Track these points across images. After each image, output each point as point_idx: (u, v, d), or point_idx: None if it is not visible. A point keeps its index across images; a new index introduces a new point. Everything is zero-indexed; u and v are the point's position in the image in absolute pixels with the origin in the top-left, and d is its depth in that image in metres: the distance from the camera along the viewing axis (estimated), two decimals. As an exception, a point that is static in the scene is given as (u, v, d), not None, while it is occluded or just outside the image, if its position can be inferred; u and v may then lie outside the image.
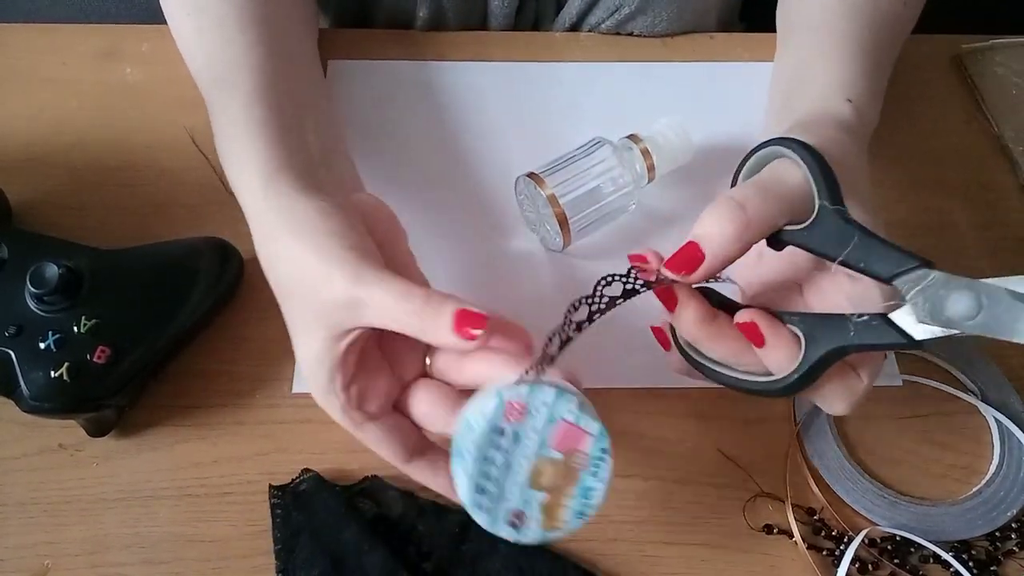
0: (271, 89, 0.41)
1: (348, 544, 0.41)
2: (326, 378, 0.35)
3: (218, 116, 0.42)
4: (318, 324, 0.34)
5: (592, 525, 0.43)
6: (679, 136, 0.50)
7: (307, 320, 0.35)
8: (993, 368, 0.48)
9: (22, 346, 0.40)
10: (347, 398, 0.35)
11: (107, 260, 0.44)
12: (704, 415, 0.46)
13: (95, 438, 0.44)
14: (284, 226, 0.36)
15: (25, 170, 0.52)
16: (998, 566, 0.43)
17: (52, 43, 0.58)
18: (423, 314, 0.32)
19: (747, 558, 0.43)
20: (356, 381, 0.35)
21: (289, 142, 0.39)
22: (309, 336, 0.35)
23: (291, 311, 0.36)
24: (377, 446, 0.36)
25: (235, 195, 0.40)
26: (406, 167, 0.54)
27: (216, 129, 0.42)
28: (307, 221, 0.35)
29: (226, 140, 0.40)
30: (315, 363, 0.35)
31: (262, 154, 0.38)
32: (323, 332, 0.34)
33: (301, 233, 0.35)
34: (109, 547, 0.42)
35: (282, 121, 0.40)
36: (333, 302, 0.33)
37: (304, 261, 0.34)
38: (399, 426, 0.37)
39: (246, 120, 0.39)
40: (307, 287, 0.34)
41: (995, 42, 0.61)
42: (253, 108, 0.40)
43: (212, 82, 0.43)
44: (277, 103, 0.41)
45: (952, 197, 0.55)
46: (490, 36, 0.61)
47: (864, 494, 0.44)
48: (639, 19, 0.59)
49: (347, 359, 0.35)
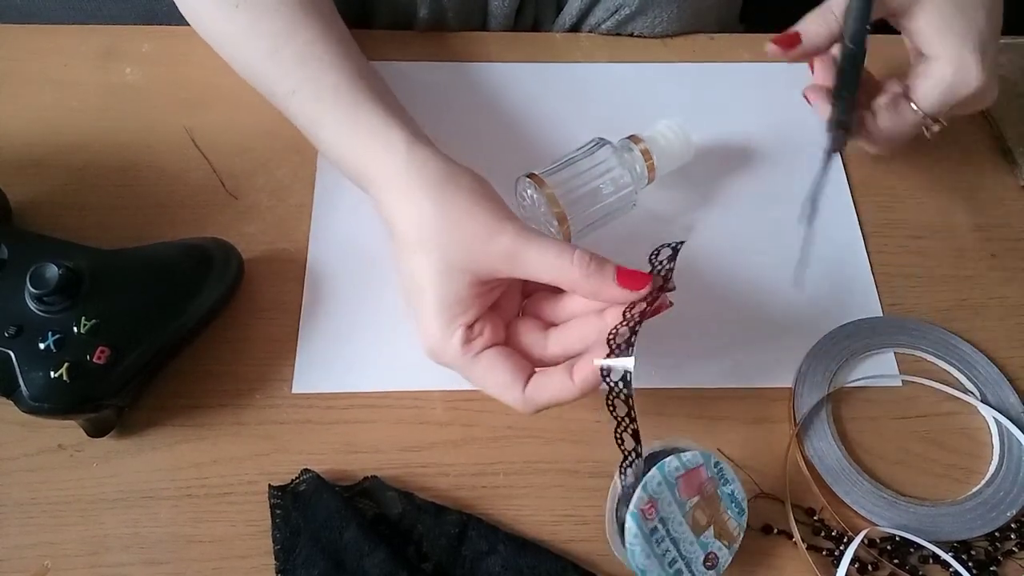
0: (362, 66, 0.45)
1: (348, 544, 0.41)
2: (456, 313, 0.39)
3: (305, 87, 0.44)
4: (467, 268, 0.38)
5: (592, 525, 0.43)
6: (679, 136, 0.50)
7: (452, 264, 0.39)
8: (993, 368, 0.48)
9: (22, 346, 0.40)
10: (469, 334, 0.39)
11: (107, 260, 0.44)
12: (704, 415, 0.46)
13: (95, 438, 0.44)
14: (444, 183, 0.40)
15: (25, 170, 0.52)
16: (997, 566, 0.43)
17: (53, 44, 0.58)
18: (589, 270, 0.37)
19: (747, 558, 0.43)
20: (478, 321, 0.39)
21: (403, 114, 0.44)
22: (450, 277, 0.39)
23: (428, 256, 0.39)
24: (491, 372, 0.39)
25: (336, 156, 0.44)
26: (406, 167, 0.54)
27: (305, 97, 0.44)
28: (468, 183, 0.40)
29: (331, 107, 0.43)
30: (452, 302, 0.38)
31: (392, 120, 0.42)
32: (469, 276, 0.38)
33: (470, 191, 0.39)
34: (109, 547, 0.42)
35: (382, 94, 0.44)
36: (497, 252, 0.38)
37: (470, 213, 0.39)
38: (509, 353, 0.40)
39: (352, 89, 0.43)
40: (467, 236, 0.38)
41: (995, 42, 0.61)
42: (357, 81, 0.44)
43: (292, 60, 0.45)
44: (369, 79, 0.45)
45: (952, 197, 0.55)
46: (490, 37, 0.61)
47: (864, 494, 0.44)
48: (639, 20, 0.59)
49: (482, 301, 0.39)
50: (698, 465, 0.39)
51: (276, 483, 0.43)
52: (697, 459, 0.39)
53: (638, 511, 0.38)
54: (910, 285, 0.52)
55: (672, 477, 0.38)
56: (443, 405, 0.46)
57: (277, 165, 0.54)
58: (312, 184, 0.53)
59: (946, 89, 0.45)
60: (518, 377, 0.39)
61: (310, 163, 0.54)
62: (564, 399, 0.38)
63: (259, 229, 0.51)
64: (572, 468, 0.45)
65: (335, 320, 0.48)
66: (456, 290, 0.39)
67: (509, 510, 0.44)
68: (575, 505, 0.44)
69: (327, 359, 0.47)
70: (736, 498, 0.40)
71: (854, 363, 0.49)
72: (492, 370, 0.39)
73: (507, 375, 0.39)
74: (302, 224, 0.51)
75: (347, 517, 0.41)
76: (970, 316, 0.51)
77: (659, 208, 0.52)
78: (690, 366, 0.48)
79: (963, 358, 0.49)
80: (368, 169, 0.42)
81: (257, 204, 0.52)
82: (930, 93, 0.46)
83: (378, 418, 0.46)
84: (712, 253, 0.51)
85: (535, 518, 0.43)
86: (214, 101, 0.56)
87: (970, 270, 0.53)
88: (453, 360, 0.39)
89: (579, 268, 0.38)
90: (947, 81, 0.45)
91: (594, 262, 0.38)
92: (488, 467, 0.45)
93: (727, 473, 0.40)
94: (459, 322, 0.39)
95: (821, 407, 0.47)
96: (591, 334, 0.39)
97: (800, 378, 0.48)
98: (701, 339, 0.49)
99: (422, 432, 0.45)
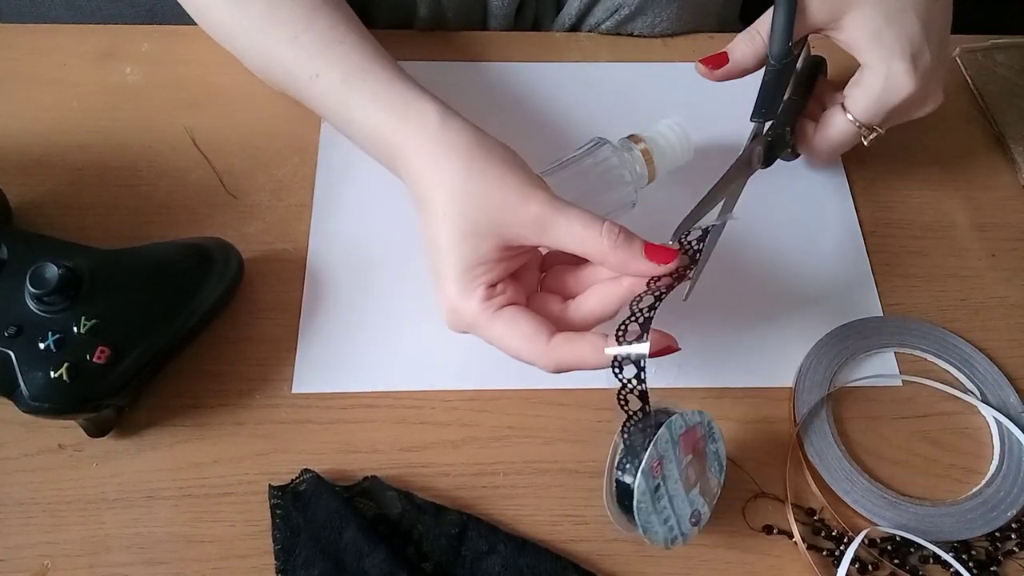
0: (381, 49, 0.46)
1: (348, 544, 0.41)
2: (479, 274, 0.39)
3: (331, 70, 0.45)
4: (496, 232, 0.39)
5: (592, 525, 0.43)
6: (679, 136, 0.50)
7: (480, 228, 0.39)
8: (993, 368, 0.48)
9: (22, 346, 0.40)
10: (491, 292, 0.39)
11: (107, 260, 0.44)
12: (704, 415, 0.47)
13: (95, 438, 0.44)
14: (477, 150, 0.40)
15: (25, 170, 0.52)
16: (998, 566, 0.43)
17: (52, 44, 0.58)
18: (617, 242, 0.38)
19: (747, 558, 0.43)
20: (500, 283, 0.40)
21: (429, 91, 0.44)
22: (477, 241, 0.39)
23: (455, 219, 0.39)
24: (513, 324, 0.39)
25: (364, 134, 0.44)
26: (406, 167, 0.54)
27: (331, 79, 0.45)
28: (501, 151, 0.41)
29: (361, 85, 0.44)
30: (476, 263, 0.39)
31: (424, 94, 0.43)
32: (497, 241, 0.39)
33: (502, 159, 0.40)
34: (109, 547, 0.42)
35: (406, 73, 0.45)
36: (526, 219, 0.39)
37: (502, 179, 0.39)
38: (530, 312, 0.40)
39: (381, 68, 0.44)
40: (497, 201, 0.39)
41: (995, 42, 0.61)
42: (382, 61, 0.45)
43: (313, 44, 0.45)
44: (391, 60, 0.45)
45: (952, 197, 0.55)
46: (490, 36, 0.61)
47: (864, 494, 0.44)
48: (639, 19, 0.59)
49: (505, 265, 0.40)
50: (696, 424, 0.39)
51: (276, 483, 0.43)
52: (696, 417, 0.39)
53: (649, 468, 0.38)
54: (910, 285, 0.52)
55: (676, 436, 0.39)
56: (443, 405, 0.46)
57: (277, 165, 0.54)
58: (312, 184, 0.53)
59: (876, 98, 0.45)
60: (541, 330, 0.38)
61: (310, 163, 0.54)
62: (589, 363, 0.38)
63: (259, 229, 0.51)
64: (572, 468, 0.45)
65: (335, 320, 0.48)
66: (482, 253, 0.39)
67: (509, 510, 0.44)
68: (575, 505, 0.44)
69: (327, 359, 0.47)
70: (719, 456, 0.41)
71: (854, 363, 0.49)
72: (514, 322, 0.39)
73: (529, 327, 0.38)
74: (302, 224, 0.51)
75: (347, 517, 0.41)
76: (970, 316, 0.51)
77: (659, 208, 0.52)
78: (690, 366, 0.48)
79: (963, 358, 0.49)
80: (400, 141, 0.42)
81: (257, 204, 0.52)
82: (860, 102, 0.46)
83: (378, 418, 0.46)
84: (712, 253, 0.51)
85: (535, 518, 0.43)
86: (214, 101, 0.56)
87: (970, 270, 0.53)
88: (473, 317, 0.39)
89: (608, 239, 0.38)
90: (876, 90, 0.45)
91: (623, 234, 0.38)
92: (488, 467, 0.45)
93: (716, 432, 0.41)
94: (481, 280, 0.39)
95: (821, 407, 0.47)
96: (614, 301, 0.39)
97: (800, 378, 0.48)
98: (701, 339, 0.49)
99: (422, 432, 0.45)
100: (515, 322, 0.39)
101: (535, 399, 0.47)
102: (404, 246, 0.50)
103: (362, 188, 0.53)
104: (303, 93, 0.47)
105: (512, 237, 0.39)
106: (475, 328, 0.40)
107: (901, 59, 0.44)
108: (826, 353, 0.48)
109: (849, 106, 0.47)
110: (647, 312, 0.37)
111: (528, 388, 0.47)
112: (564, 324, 0.40)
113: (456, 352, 0.47)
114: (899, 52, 0.44)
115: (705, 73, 0.48)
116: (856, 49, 0.46)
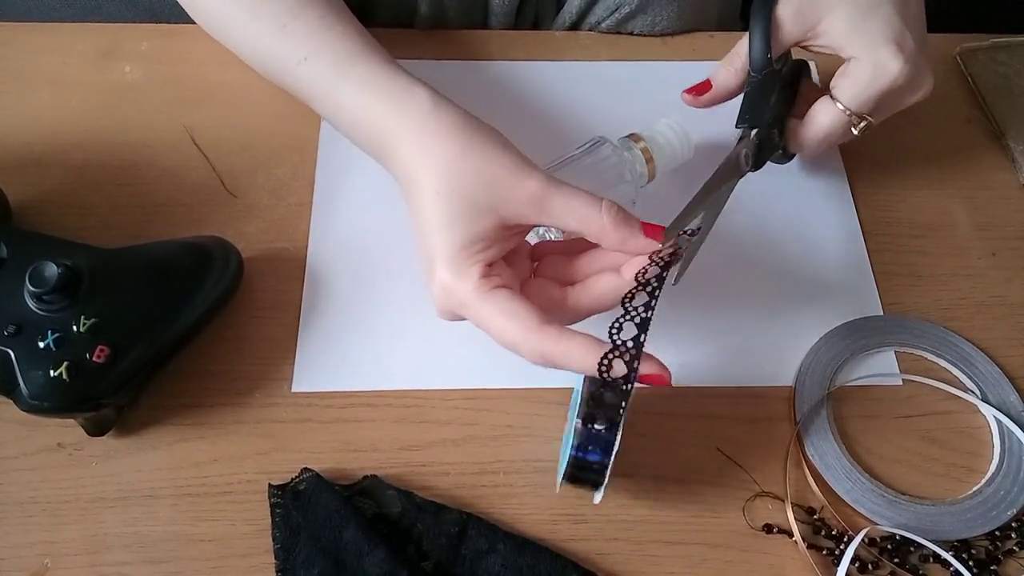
0: (372, 39, 0.46)
1: (347, 543, 0.41)
2: (476, 251, 0.38)
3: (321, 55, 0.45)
4: (494, 209, 0.39)
5: (592, 525, 0.43)
6: (679, 135, 0.50)
7: (478, 204, 0.39)
8: (993, 367, 0.48)
9: (21, 345, 0.40)
10: (487, 270, 0.39)
11: (107, 259, 0.44)
12: (704, 415, 0.46)
13: (94, 437, 0.44)
14: (469, 129, 0.40)
15: (25, 170, 0.52)
16: (998, 565, 0.43)
17: (52, 43, 0.58)
18: (617, 219, 0.39)
19: (747, 557, 0.43)
20: (495, 264, 0.40)
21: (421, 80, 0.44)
22: (474, 219, 0.39)
23: (450, 197, 0.39)
24: (507, 303, 0.38)
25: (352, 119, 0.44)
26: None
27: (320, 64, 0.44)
28: (492, 134, 0.41)
29: (350, 69, 0.44)
30: (472, 241, 0.38)
31: (415, 80, 0.43)
32: (495, 219, 0.39)
33: (495, 141, 0.40)
34: (109, 546, 0.42)
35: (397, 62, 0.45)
36: (524, 196, 0.39)
37: (497, 156, 0.39)
38: (522, 298, 0.39)
39: (371, 54, 0.44)
40: (495, 177, 0.39)
41: (995, 42, 0.61)
42: (373, 48, 0.45)
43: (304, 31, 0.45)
44: (382, 48, 0.45)
45: (952, 197, 0.55)
46: (490, 35, 0.61)
47: (864, 494, 0.44)
48: (639, 18, 0.59)
49: (501, 245, 0.39)
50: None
51: (276, 482, 0.43)
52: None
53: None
54: (910, 284, 0.52)
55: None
56: (443, 404, 0.46)
57: (277, 164, 0.54)
58: (312, 183, 0.53)
59: (866, 84, 0.45)
60: (533, 316, 0.37)
61: (310, 162, 0.54)
62: (574, 363, 0.37)
63: (259, 228, 0.51)
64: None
65: (335, 319, 0.48)
66: (479, 231, 0.38)
67: (509, 509, 0.44)
68: (574, 504, 0.44)
69: (327, 358, 0.47)
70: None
71: (854, 362, 0.49)
72: (508, 303, 0.38)
73: (524, 310, 0.37)
74: (302, 223, 0.51)
75: (347, 516, 0.41)
76: (970, 315, 0.51)
77: (659, 208, 0.52)
78: (690, 365, 0.48)
79: (963, 357, 0.49)
80: (390, 127, 0.42)
81: (257, 203, 0.52)
82: (849, 90, 0.46)
83: (378, 417, 0.46)
84: (712, 252, 0.51)
85: (535, 517, 0.43)
86: (214, 100, 0.56)
87: (970, 269, 0.53)
88: (466, 295, 0.38)
89: (608, 216, 0.38)
90: (866, 77, 0.45)
91: (622, 212, 0.39)
92: (488, 466, 0.45)
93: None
94: (478, 259, 0.38)
95: (821, 406, 0.47)
96: (613, 290, 0.39)
97: (800, 377, 0.48)
98: (701, 338, 0.49)
99: (422, 431, 0.45)
100: (509, 303, 0.38)
101: (535, 398, 0.47)
102: (404, 245, 0.50)
103: (362, 187, 0.53)
104: (292, 76, 0.46)
105: (510, 214, 0.39)
106: (466, 307, 0.38)
107: (886, 46, 0.45)
108: (826, 352, 0.48)
109: (837, 95, 0.46)
110: (643, 312, 0.37)
111: (528, 387, 0.47)
112: (564, 310, 0.40)
113: (456, 351, 0.47)
114: (882, 40, 0.45)
115: (691, 101, 0.50)
116: (839, 47, 0.46)
